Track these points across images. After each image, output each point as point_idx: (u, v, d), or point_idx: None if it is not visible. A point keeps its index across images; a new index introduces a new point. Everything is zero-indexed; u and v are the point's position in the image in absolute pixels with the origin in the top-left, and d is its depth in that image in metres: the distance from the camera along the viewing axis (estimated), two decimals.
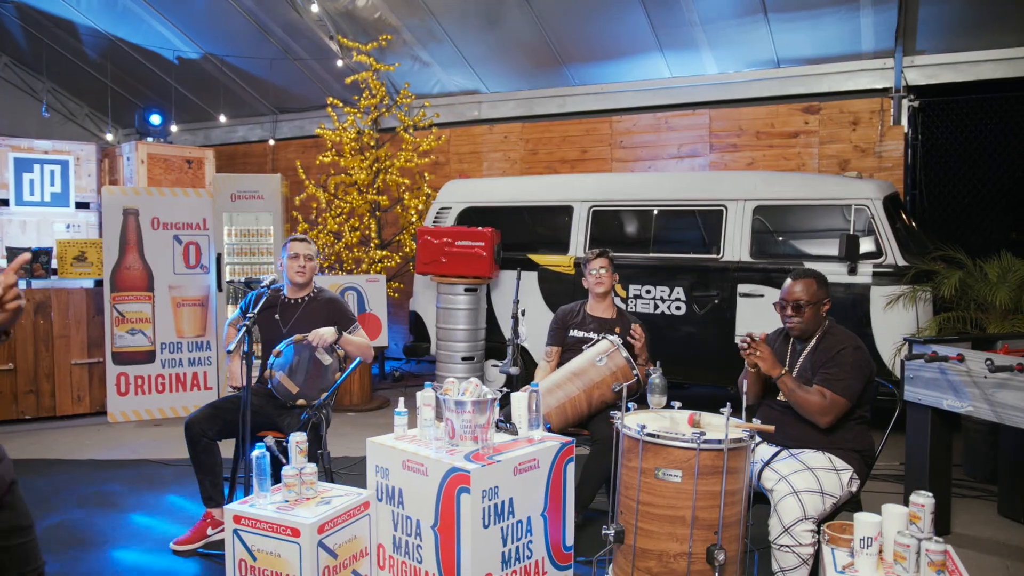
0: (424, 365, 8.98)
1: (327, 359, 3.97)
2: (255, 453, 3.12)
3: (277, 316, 4.14)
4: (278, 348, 3.91)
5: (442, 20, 7.74)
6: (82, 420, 6.39)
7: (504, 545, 3.04)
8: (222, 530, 3.91)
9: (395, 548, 3.20)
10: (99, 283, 6.62)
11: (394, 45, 8.06)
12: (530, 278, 6.65)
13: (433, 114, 8.11)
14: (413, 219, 7.78)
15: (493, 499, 2.97)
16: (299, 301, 4.19)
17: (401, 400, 3.46)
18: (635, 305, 6.19)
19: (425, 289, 7.07)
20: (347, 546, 3.11)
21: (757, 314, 5.82)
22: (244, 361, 3.45)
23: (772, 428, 2.94)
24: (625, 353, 3.93)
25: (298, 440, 3.17)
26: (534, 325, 6.63)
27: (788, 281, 3.28)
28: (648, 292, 6.18)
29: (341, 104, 7.95)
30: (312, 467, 3.16)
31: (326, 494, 3.18)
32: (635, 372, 3.91)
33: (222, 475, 3.97)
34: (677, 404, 3.22)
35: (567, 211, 6.58)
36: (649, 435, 2.84)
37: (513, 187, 7.09)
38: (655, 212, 6.30)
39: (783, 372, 3.04)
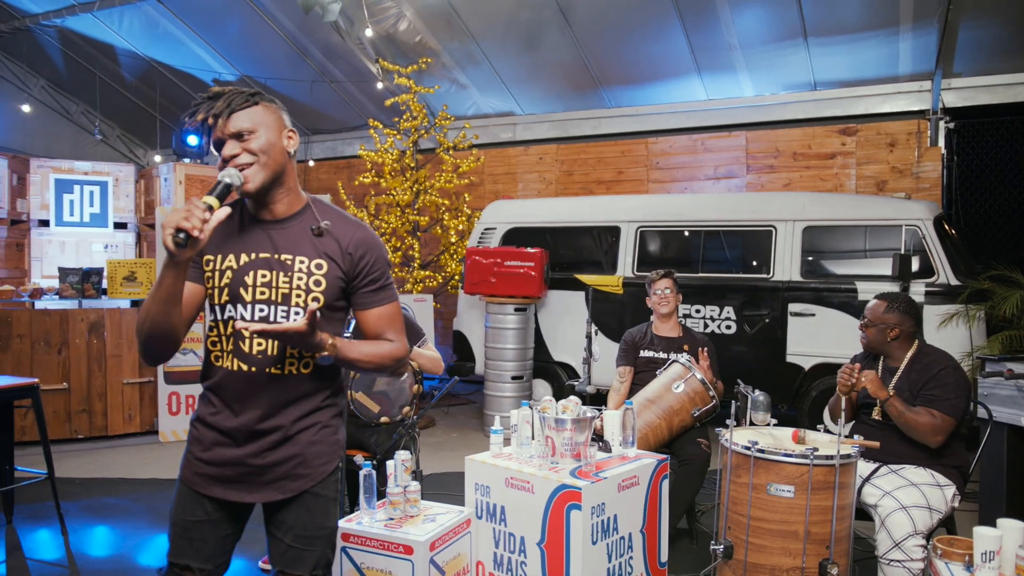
0: (459, 384, 9.02)
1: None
2: (363, 472, 3.16)
3: (349, 336, 4.19)
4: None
5: (482, 43, 7.87)
6: (133, 439, 6.42)
7: (609, 561, 3.09)
8: None
9: (496, 565, 3.23)
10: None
11: (433, 68, 8.18)
12: (577, 298, 6.72)
13: (472, 135, 8.21)
14: (453, 239, 7.86)
15: (600, 516, 3.02)
16: None
17: (497, 418, 3.50)
18: (684, 324, 6.24)
19: (470, 309, 7.14)
20: (453, 563, 3.15)
21: (808, 333, 5.89)
22: (342, 383, 3.49)
23: (877, 444, 2.99)
24: (700, 376, 3.98)
25: (404, 459, 3.21)
26: (582, 345, 6.69)
27: None
28: (698, 311, 6.25)
29: (381, 126, 8.05)
30: (416, 485, 3.20)
31: (429, 511, 3.23)
32: (712, 396, 3.96)
33: None
34: (729, 421, 3.27)
35: (614, 231, 6.66)
36: (760, 451, 2.89)
37: (558, 208, 7.18)
38: (703, 232, 6.38)
39: (891, 395, 3.09)
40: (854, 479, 2.93)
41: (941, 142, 7.14)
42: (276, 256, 1.88)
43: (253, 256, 1.89)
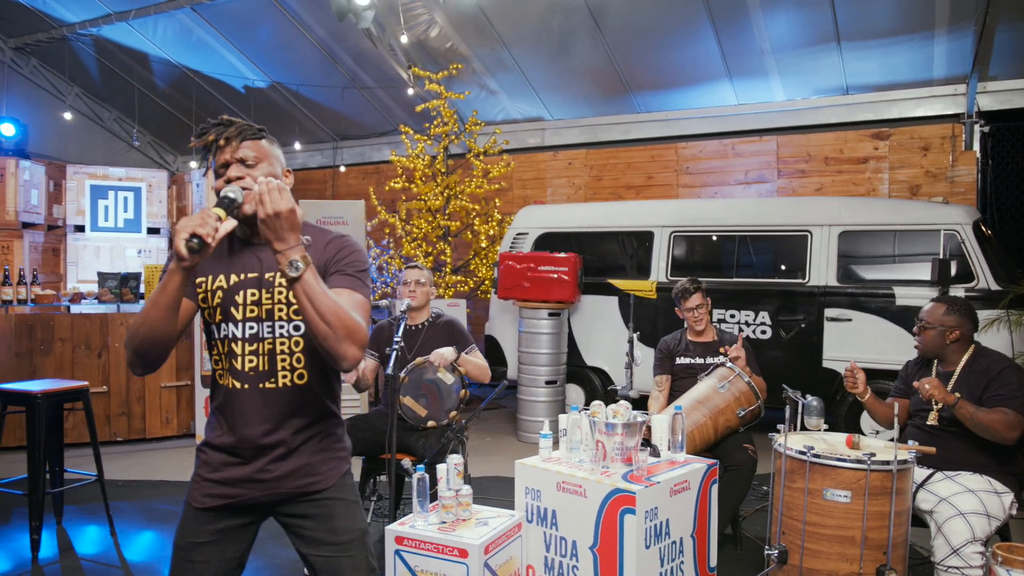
0: (485, 389, 9.04)
1: (449, 379, 4.05)
2: (416, 476, 3.19)
3: (400, 341, 4.23)
4: (403, 373, 3.99)
5: (512, 49, 7.91)
6: (171, 442, 6.49)
7: (661, 566, 3.09)
8: None
9: (547, 569, 3.24)
10: None
11: (463, 74, 8.22)
12: (610, 303, 6.73)
13: (502, 141, 8.25)
14: (484, 244, 7.89)
15: (653, 520, 3.03)
16: (420, 326, 4.28)
17: (547, 423, 3.52)
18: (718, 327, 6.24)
19: (502, 313, 7.16)
20: (505, 567, 3.17)
21: (845, 339, 5.86)
22: (391, 387, 3.53)
23: (934, 450, 2.98)
24: (747, 379, 3.98)
25: (456, 462, 3.23)
26: (615, 349, 6.71)
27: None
28: (732, 316, 6.24)
29: (412, 131, 8.11)
30: (468, 489, 3.22)
31: (480, 515, 3.24)
32: (758, 397, 3.96)
33: None
34: (780, 426, 3.26)
35: (647, 236, 6.67)
36: (816, 456, 2.89)
37: (590, 213, 7.19)
38: (738, 237, 6.37)
39: (959, 397, 3.05)
40: (910, 485, 2.92)
41: (976, 146, 7.09)
42: (262, 275, 1.94)
43: (242, 276, 1.95)
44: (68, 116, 9.95)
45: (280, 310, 1.93)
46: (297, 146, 10.07)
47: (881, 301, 5.78)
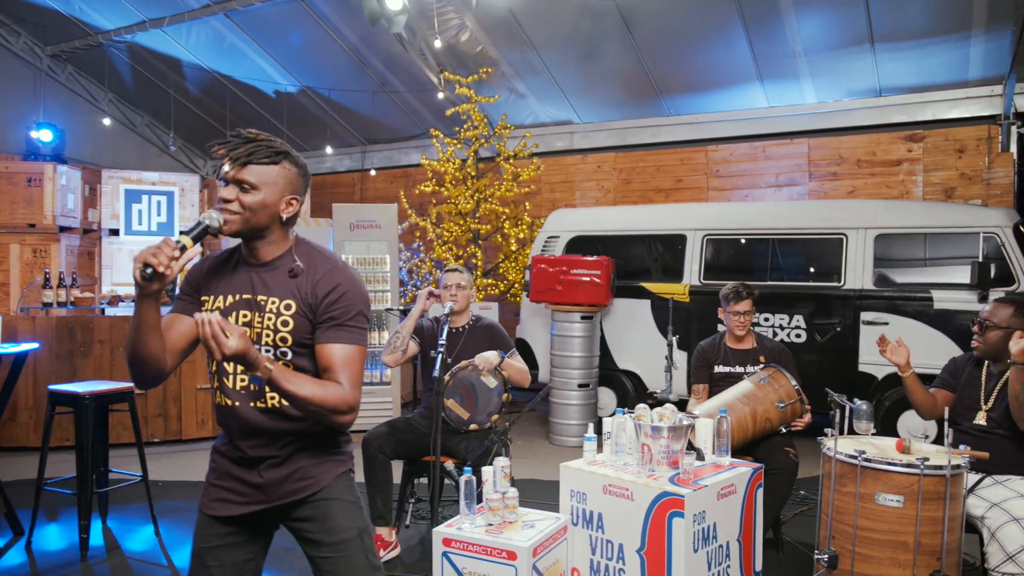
0: (521, 392, 9.06)
1: (492, 382, 4.07)
2: (464, 479, 3.21)
3: (433, 353, 4.26)
4: (447, 376, 4.01)
5: (542, 52, 7.93)
6: (206, 443, 6.54)
7: (708, 570, 3.09)
8: (393, 549, 4.00)
9: (592, 572, 3.25)
10: None
11: (492, 78, 8.26)
12: (642, 306, 6.72)
13: (532, 144, 8.27)
14: (514, 248, 7.92)
15: (701, 523, 3.02)
16: (460, 329, 4.30)
17: (591, 426, 3.53)
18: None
19: (534, 316, 7.18)
20: (551, 569, 3.18)
21: None
22: (436, 390, 3.55)
23: (987, 455, 2.95)
24: (788, 375, 3.95)
25: (503, 465, 3.25)
26: (647, 353, 6.71)
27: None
28: (767, 320, 6.21)
29: (442, 135, 8.15)
30: (514, 491, 3.23)
31: (526, 518, 3.26)
32: (800, 395, 3.92)
33: (392, 494, 4.06)
34: (829, 430, 3.23)
35: (680, 240, 6.66)
36: (867, 460, 2.88)
37: (622, 216, 7.20)
38: (772, 240, 6.35)
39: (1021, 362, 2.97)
40: (962, 490, 2.90)
41: (1013, 148, 7.00)
42: (254, 297, 1.97)
43: (237, 297, 1.98)
44: (107, 122, 10.11)
45: (267, 335, 1.95)
46: (328, 150, 10.16)
47: (919, 305, 5.73)
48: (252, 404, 1.97)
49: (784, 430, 4.00)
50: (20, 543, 4.13)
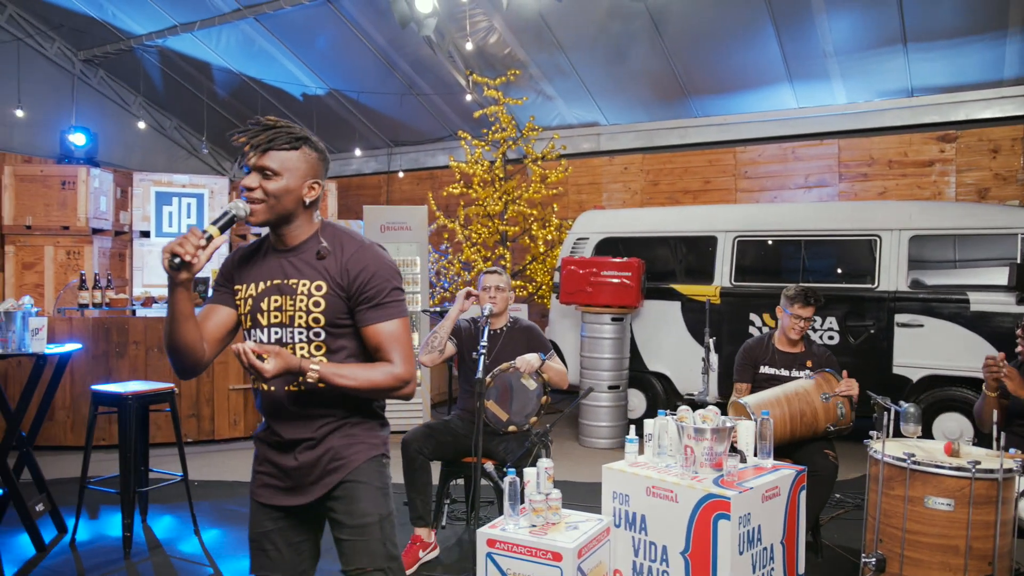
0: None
1: (532, 384, 4.08)
2: (508, 480, 3.22)
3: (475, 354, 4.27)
4: (488, 377, 4.02)
5: (571, 54, 7.94)
6: (238, 444, 6.61)
7: (754, 572, 3.08)
8: (433, 550, 4.02)
9: (635, 574, 3.25)
10: None
11: (520, 80, 8.27)
12: (672, 307, 6.71)
13: (560, 146, 8.28)
14: (542, 249, 7.92)
15: (746, 526, 3.02)
16: (499, 331, 4.31)
17: (632, 428, 3.53)
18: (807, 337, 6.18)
19: (563, 318, 7.18)
20: (595, 571, 3.18)
21: (916, 344, 5.77)
22: (478, 391, 3.57)
23: None
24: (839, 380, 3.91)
25: (547, 466, 3.25)
26: (677, 354, 6.69)
27: None
28: None
29: (470, 137, 8.18)
30: (558, 493, 3.24)
31: (569, 519, 3.26)
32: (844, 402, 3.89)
33: (431, 495, 4.07)
34: (876, 433, 3.20)
35: (710, 241, 6.64)
36: (916, 463, 2.86)
37: (652, 217, 7.19)
38: (804, 242, 6.31)
39: None
40: (1015, 494, 2.87)
41: None
42: (285, 281, 2.00)
43: (268, 283, 2.02)
44: (142, 125, 10.25)
45: (300, 318, 1.99)
46: (358, 152, 10.23)
47: (954, 307, 5.67)
48: (286, 388, 2.01)
49: (829, 428, 3.94)
50: (64, 540, 4.19)
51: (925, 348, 5.75)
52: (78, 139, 8.84)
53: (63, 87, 9.91)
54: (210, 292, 6.94)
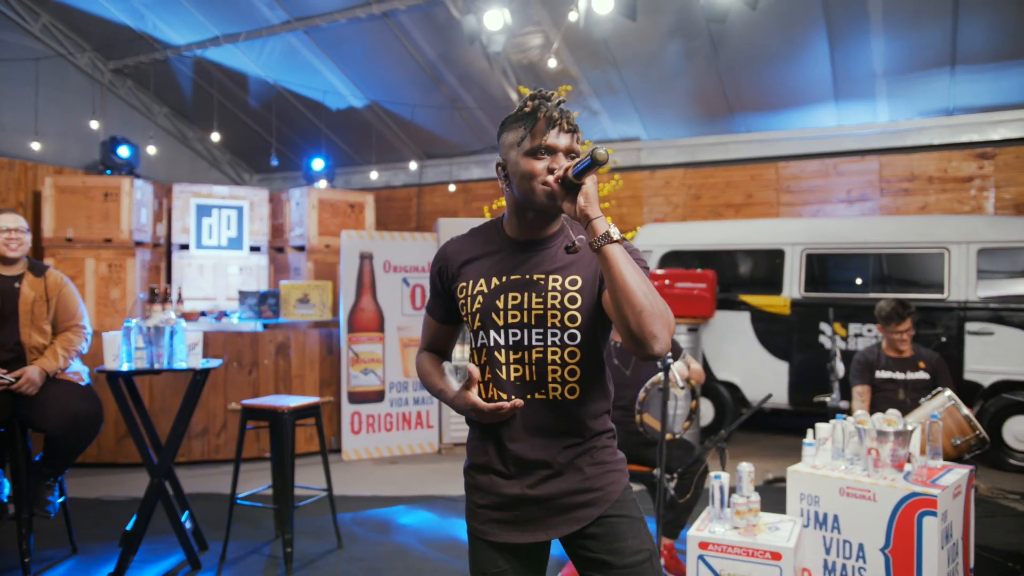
0: None
1: (681, 392, 4.21)
2: (716, 484, 3.34)
3: (616, 362, 4.39)
4: (642, 392, 4.15)
5: (623, 72, 8.13)
6: (312, 458, 6.56)
7: (948, 565, 3.26)
8: None
9: (827, 571, 3.39)
10: (322, 323, 6.91)
11: (570, 96, 8.43)
12: (741, 318, 6.92)
13: (611, 160, 8.45)
14: None
15: (945, 521, 3.20)
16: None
17: (810, 432, 3.69)
18: (857, 343, 6.44)
19: None
20: (797, 569, 3.32)
21: (987, 351, 6.07)
22: (638, 409, 3.68)
23: None
24: (965, 411, 4.05)
25: (749, 470, 3.39)
26: (746, 364, 6.90)
27: None
28: (869, 331, 6.44)
29: None
30: (757, 496, 3.37)
31: (768, 521, 3.40)
32: (975, 428, 4.03)
33: None
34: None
35: (778, 254, 6.87)
36: None
37: (718, 230, 7.41)
38: (872, 255, 6.59)
39: None
40: None
41: None
42: (528, 276, 1.79)
43: (504, 279, 1.80)
44: (163, 136, 10.09)
45: (554, 315, 1.75)
46: (388, 165, 10.24)
47: (1023, 315, 6.00)
48: (529, 396, 1.76)
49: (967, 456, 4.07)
50: (208, 556, 4.15)
51: (996, 354, 6.06)
52: (122, 151, 8.68)
53: (90, 96, 9.72)
54: (280, 306, 6.85)
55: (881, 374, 4.61)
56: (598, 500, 1.80)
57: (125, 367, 3.84)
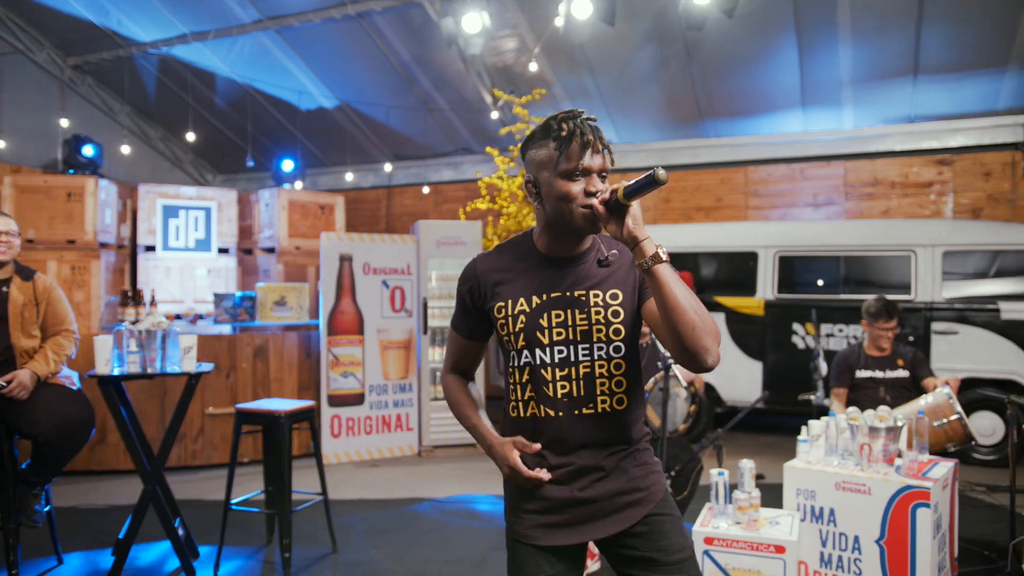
0: None
1: (683, 393, 4.30)
2: (718, 480, 3.42)
3: None
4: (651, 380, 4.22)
5: (598, 77, 8.22)
6: (297, 461, 6.42)
7: (938, 553, 3.40)
8: (597, 561, 4.13)
9: (823, 563, 3.50)
10: (295, 326, 6.83)
11: (543, 99, 8.48)
12: (716, 319, 7.04)
13: None
14: None
15: (936, 512, 3.34)
16: (643, 345, 4.50)
17: (804, 429, 3.80)
18: (828, 343, 6.64)
19: None
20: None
21: (952, 350, 6.31)
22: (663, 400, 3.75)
23: None
24: (959, 410, 4.18)
25: (750, 467, 3.48)
26: (722, 364, 7.01)
27: None
28: (840, 331, 6.64)
29: (497, 152, 8.32)
30: (758, 492, 3.47)
31: (767, 515, 3.50)
32: (965, 427, 4.14)
33: None
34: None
35: (751, 257, 7.04)
36: None
37: (692, 233, 7.54)
38: (842, 257, 6.79)
39: None
40: None
41: None
42: (569, 294, 1.82)
43: (544, 296, 1.83)
44: (125, 147, 9.83)
45: (599, 330, 1.80)
46: (355, 166, 10.16)
47: (987, 315, 6.25)
48: (577, 411, 1.82)
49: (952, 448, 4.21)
50: (200, 563, 4.08)
51: (960, 353, 6.30)
52: (87, 150, 8.44)
53: (50, 94, 9.44)
54: (256, 310, 6.74)
55: (862, 373, 4.75)
56: (644, 499, 1.87)
57: (117, 371, 3.76)
